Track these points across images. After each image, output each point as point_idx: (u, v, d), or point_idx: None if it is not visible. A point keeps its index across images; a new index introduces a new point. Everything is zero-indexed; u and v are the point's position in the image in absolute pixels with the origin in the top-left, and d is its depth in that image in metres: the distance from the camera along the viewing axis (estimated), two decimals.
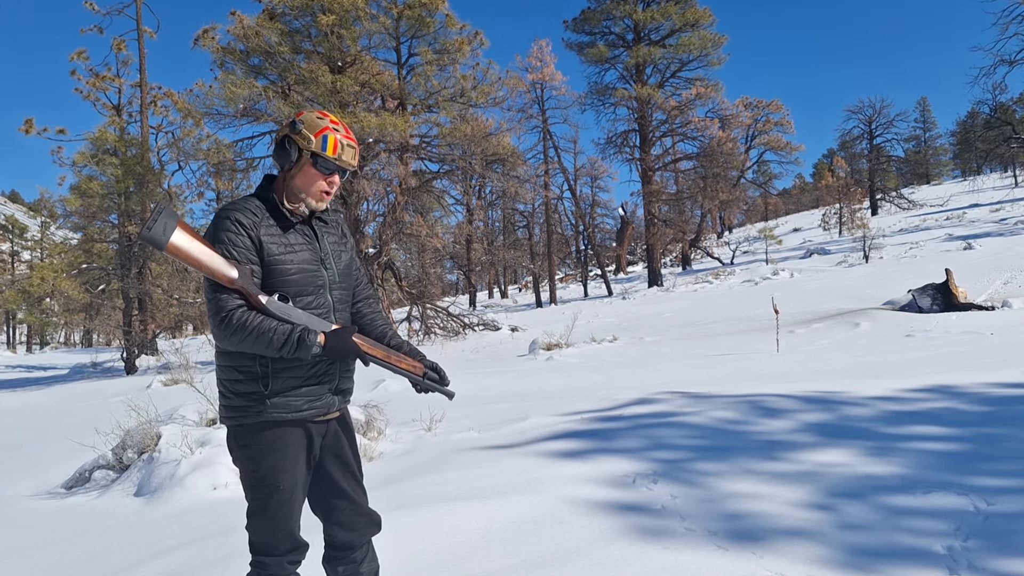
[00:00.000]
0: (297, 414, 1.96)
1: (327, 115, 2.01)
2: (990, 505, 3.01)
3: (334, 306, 2.06)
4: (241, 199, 2.01)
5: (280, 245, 1.95)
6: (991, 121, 37.02)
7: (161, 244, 1.80)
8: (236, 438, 2.01)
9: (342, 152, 1.97)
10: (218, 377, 2.03)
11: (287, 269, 1.95)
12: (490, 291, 51.39)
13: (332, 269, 2.07)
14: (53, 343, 52.02)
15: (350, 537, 2.13)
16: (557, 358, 11.39)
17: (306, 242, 2.02)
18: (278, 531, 1.98)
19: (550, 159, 33.01)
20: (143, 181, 18.43)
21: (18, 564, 3.59)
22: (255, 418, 1.95)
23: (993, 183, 50.57)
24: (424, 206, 20.72)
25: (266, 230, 1.94)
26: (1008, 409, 4.59)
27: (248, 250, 1.90)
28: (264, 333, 1.83)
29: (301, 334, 1.85)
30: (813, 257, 30.29)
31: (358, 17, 15.74)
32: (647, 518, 3.17)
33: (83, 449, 5.61)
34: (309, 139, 1.94)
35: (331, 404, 2.05)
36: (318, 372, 1.99)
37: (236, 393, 1.97)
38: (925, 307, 11.62)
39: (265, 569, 2.00)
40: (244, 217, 1.92)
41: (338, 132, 1.97)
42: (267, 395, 1.93)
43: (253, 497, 2.00)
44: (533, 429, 5.12)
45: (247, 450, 1.98)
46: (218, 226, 1.92)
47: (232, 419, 1.99)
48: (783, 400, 5.26)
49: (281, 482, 1.96)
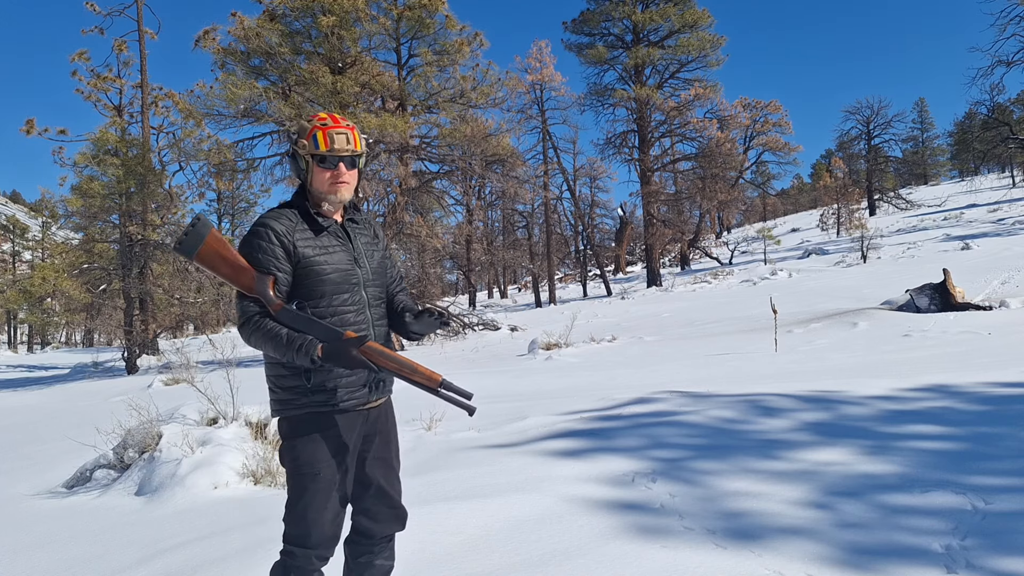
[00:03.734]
0: (338, 405, 2.07)
1: (318, 115, 2.13)
2: (988, 504, 3.02)
3: (369, 302, 2.17)
4: (277, 208, 2.16)
5: (315, 248, 2.08)
6: (989, 122, 37.00)
7: (190, 255, 1.98)
8: (283, 428, 2.12)
9: (333, 142, 2.07)
10: (266, 373, 2.15)
11: (324, 270, 2.07)
12: (490, 291, 51.38)
13: (366, 267, 2.19)
14: (54, 343, 51.99)
15: (371, 526, 2.21)
16: (556, 358, 11.40)
17: (340, 243, 2.15)
18: (310, 522, 2.04)
19: (549, 159, 33.05)
20: (144, 181, 18.43)
21: (18, 564, 3.60)
22: (299, 410, 2.07)
23: (991, 183, 50.59)
24: (424, 206, 20.73)
25: (300, 235, 2.07)
26: (1006, 408, 4.60)
27: (278, 259, 2.03)
28: (271, 339, 1.97)
29: (301, 343, 1.94)
30: (811, 257, 30.30)
31: (358, 18, 15.75)
32: (646, 517, 3.19)
33: (84, 448, 5.62)
34: (304, 145, 2.08)
35: (370, 395, 2.15)
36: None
37: (282, 387, 2.09)
38: (923, 307, 11.64)
39: (292, 559, 2.06)
40: (278, 224, 2.06)
41: (326, 125, 2.08)
42: (310, 388, 2.04)
43: (293, 486, 2.08)
44: (532, 428, 5.13)
45: (291, 440, 2.09)
46: (254, 234, 2.06)
47: (279, 412, 2.12)
48: (781, 399, 5.27)
49: (320, 470, 2.05)
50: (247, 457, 4.66)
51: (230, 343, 9.74)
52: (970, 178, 55.14)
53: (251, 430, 5.15)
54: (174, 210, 19.72)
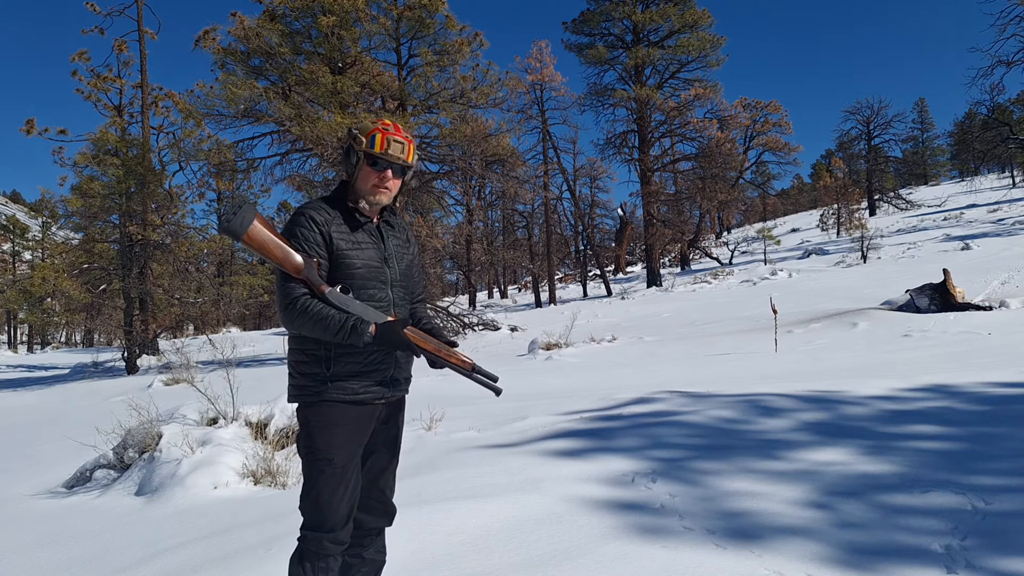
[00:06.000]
0: (354, 396, 2.13)
1: (382, 120, 2.21)
2: (988, 504, 3.02)
3: (394, 302, 2.24)
4: (317, 199, 2.23)
5: (348, 242, 2.15)
6: (989, 122, 36.96)
7: (239, 235, 2.00)
8: (300, 415, 2.18)
9: (388, 147, 2.14)
10: (288, 360, 2.21)
11: (353, 263, 2.14)
12: (490, 291, 51.37)
13: (394, 268, 2.25)
14: (54, 343, 51.98)
15: (361, 518, 2.25)
16: (556, 358, 11.40)
17: (372, 241, 2.22)
18: (323, 506, 2.10)
19: (549, 160, 33.03)
20: (144, 181, 18.40)
21: (18, 564, 3.60)
22: (316, 397, 2.12)
23: (991, 184, 50.58)
24: (424, 206, 20.73)
25: (336, 228, 2.15)
26: (1005, 408, 4.60)
27: (318, 245, 2.10)
28: (323, 319, 2.02)
29: (355, 323, 2.01)
30: (811, 257, 30.30)
31: (358, 18, 15.75)
32: (646, 517, 3.19)
33: (84, 448, 5.62)
34: (361, 141, 2.15)
35: (385, 391, 2.20)
36: (375, 360, 2.15)
37: (302, 374, 2.15)
38: (923, 307, 11.64)
39: (307, 543, 2.12)
40: (318, 215, 2.13)
41: (387, 131, 2.15)
42: (328, 377, 2.10)
43: (308, 471, 2.15)
44: (532, 428, 5.13)
45: (307, 426, 2.15)
46: (294, 222, 2.13)
47: (297, 397, 2.17)
48: (781, 399, 5.27)
49: (334, 456, 2.10)
50: (247, 457, 4.66)
51: (230, 343, 9.74)
52: (970, 178, 55.10)
53: (251, 430, 5.15)
54: (174, 210, 19.71)
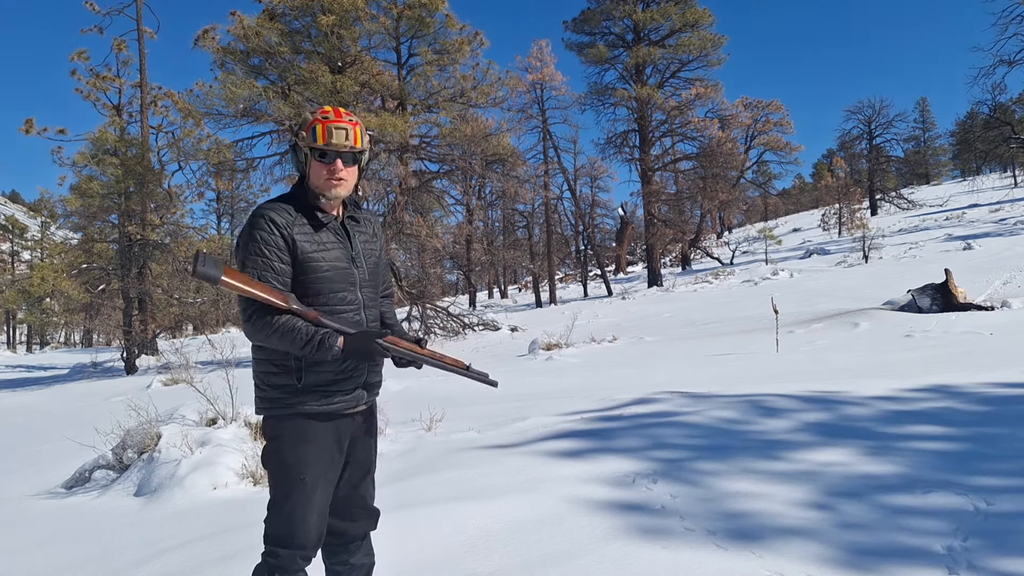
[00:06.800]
0: (328, 407, 2.04)
1: (322, 108, 2.08)
2: (989, 505, 3.01)
3: (364, 303, 2.14)
4: (275, 199, 2.10)
5: (313, 243, 2.04)
6: (990, 121, 37.01)
7: (215, 279, 1.88)
8: (269, 428, 2.08)
9: (331, 136, 2.01)
10: (254, 370, 2.11)
11: (320, 267, 2.03)
12: (490, 291, 51.37)
13: (363, 267, 2.15)
14: (53, 343, 51.98)
15: (346, 527, 2.19)
16: (557, 358, 11.39)
17: (338, 241, 2.10)
18: (296, 523, 2.02)
19: (550, 159, 33.03)
20: (143, 181, 18.40)
21: (18, 564, 3.59)
22: (288, 410, 2.03)
23: (992, 183, 50.54)
24: (424, 206, 20.70)
25: (299, 229, 2.03)
26: (1008, 409, 4.59)
27: (280, 250, 1.99)
28: (289, 331, 1.92)
29: (323, 336, 1.93)
30: (813, 257, 30.27)
31: (358, 17, 15.73)
32: (647, 517, 3.18)
33: (83, 449, 5.61)
34: (303, 136, 2.04)
35: (360, 397, 2.13)
36: (348, 367, 2.07)
37: (271, 385, 2.05)
38: (924, 307, 11.62)
39: (276, 559, 2.03)
40: (278, 216, 2.01)
41: (327, 119, 2.02)
42: (300, 389, 2.01)
43: (277, 487, 2.05)
44: (533, 429, 5.12)
45: (278, 440, 2.05)
46: (253, 225, 2.00)
47: (266, 410, 2.07)
48: (782, 400, 5.26)
49: (307, 474, 2.02)
50: (246, 458, 4.65)
51: (229, 343, 9.73)
52: (972, 178, 55.08)
53: (250, 430, 5.14)
54: (173, 210, 19.70)
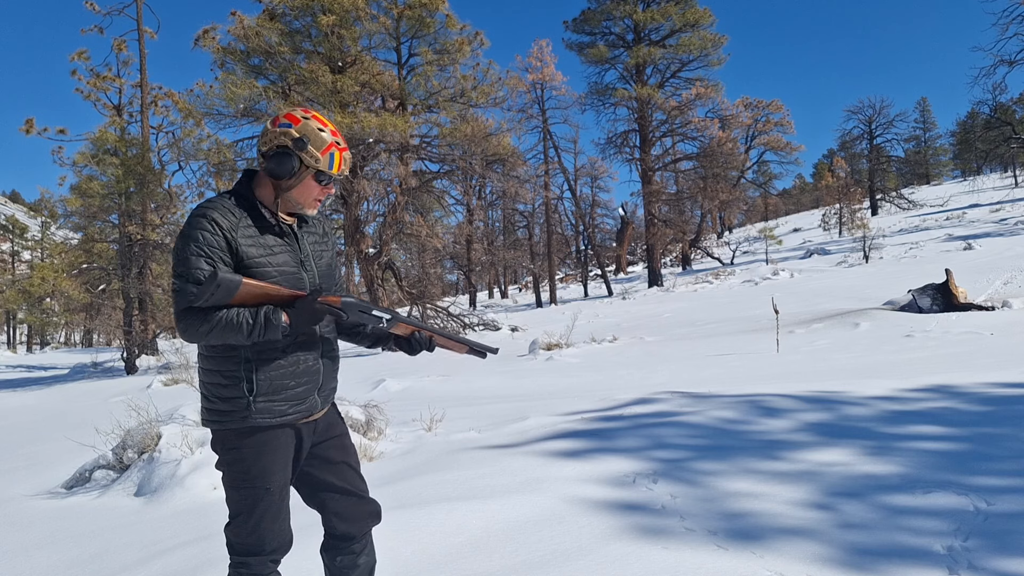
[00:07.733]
0: (282, 418, 1.95)
1: (325, 123, 1.98)
2: (990, 505, 3.01)
3: None
4: (218, 197, 1.96)
5: (258, 247, 1.92)
6: (991, 121, 37.02)
7: (237, 282, 1.78)
8: (224, 441, 1.98)
9: (345, 167, 2.01)
10: (201, 381, 2.00)
11: (267, 272, 1.91)
12: (490, 291, 51.37)
13: (312, 271, 2.04)
14: (53, 343, 52.01)
15: (349, 528, 2.13)
16: (557, 358, 11.39)
17: (285, 244, 1.98)
18: (264, 532, 1.97)
19: (550, 159, 33.04)
20: (144, 181, 18.42)
21: (18, 564, 3.59)
22: (241, 423, 1.93)
23: (993, 183, 50.55)
24: (424, 206, 20.72)
25: (243, 231, 1.90)
26: (1008, 409, 4.59)
27: (222, 251, 1.86)
28: (231, 322, 1.80)
29: (265, 314, 1.83)
30: (813, 257, 30.29)
31: (358, 17, 15.75)
32: (647, 518, 3.17)
33: (83, 449, 5.61)
34: (317, 157, 1.93)
35: (315, 405, 2.04)
36: (299, 372, 1.98)
37: (221, 398, 1.94)
38: (925, 307, 11.62)
39: (248, 568, 1.98)
40: (222, 218, 1.88)
41: (341, 147, 1.97)
42: (252, 400, 1.91)
43: (241, 499, 1.98)
44: (533, 429, 5.11)
45: (237, 452, 1.96)
46: (194, 225, 1.86)
47: (218, 423, 1.96)
48: (783, 400, 5.26)
49: (271, 483, 1.96)
50: None
51: None
52: (972, 178, 55.09)
53: None
54: (173, 210, 19.72)
